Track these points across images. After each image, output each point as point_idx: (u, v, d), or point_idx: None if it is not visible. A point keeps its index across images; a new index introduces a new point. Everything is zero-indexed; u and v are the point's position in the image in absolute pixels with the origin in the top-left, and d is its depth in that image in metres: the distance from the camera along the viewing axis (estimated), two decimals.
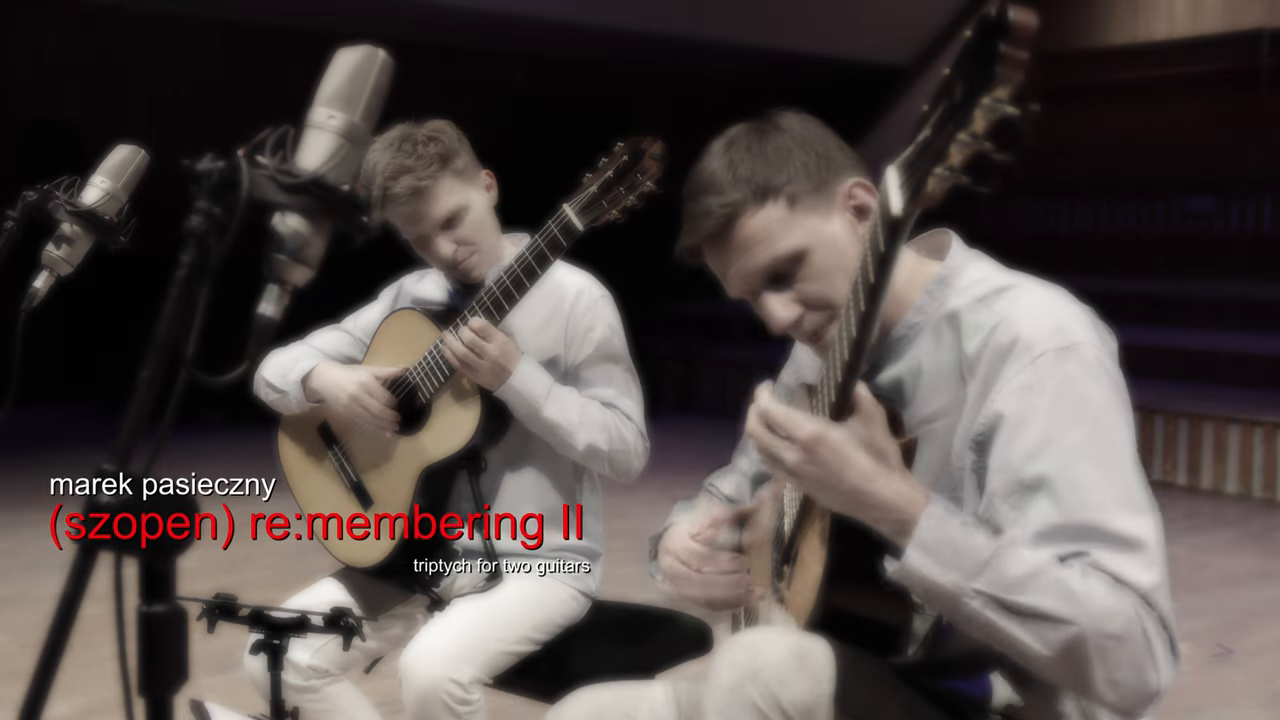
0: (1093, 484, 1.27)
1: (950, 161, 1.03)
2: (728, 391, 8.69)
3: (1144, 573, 1.25)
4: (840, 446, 1.25)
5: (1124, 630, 1.22)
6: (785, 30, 10.81)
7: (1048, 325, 1.35)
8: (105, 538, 0.87)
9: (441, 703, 1.99)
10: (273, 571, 4.69)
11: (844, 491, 1.26)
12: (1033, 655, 1.24)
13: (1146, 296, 8.49)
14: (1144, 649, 1.23)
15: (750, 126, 1.50)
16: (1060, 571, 1.24)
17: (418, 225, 2.18)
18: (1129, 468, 1.30)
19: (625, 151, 2.01)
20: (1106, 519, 1.26)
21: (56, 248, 1.82)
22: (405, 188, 2.12)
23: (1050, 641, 1.22)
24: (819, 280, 1.45)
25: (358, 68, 1.04)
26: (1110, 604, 1.22)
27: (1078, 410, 1.30)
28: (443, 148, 2.16)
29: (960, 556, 1.23)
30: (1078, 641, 1.21)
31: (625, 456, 2.22)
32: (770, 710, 1.28)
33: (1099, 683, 1.23)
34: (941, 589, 1.24)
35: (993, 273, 1.46)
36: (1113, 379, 1.34)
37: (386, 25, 9.74)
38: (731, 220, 1.45)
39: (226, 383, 0.97)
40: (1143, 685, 1.24)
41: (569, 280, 2.27)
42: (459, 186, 2.18)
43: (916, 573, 1.25)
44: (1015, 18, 0.97)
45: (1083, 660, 1.22)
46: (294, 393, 2.34)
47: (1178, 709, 3.25)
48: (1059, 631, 1.22)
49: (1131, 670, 1.23)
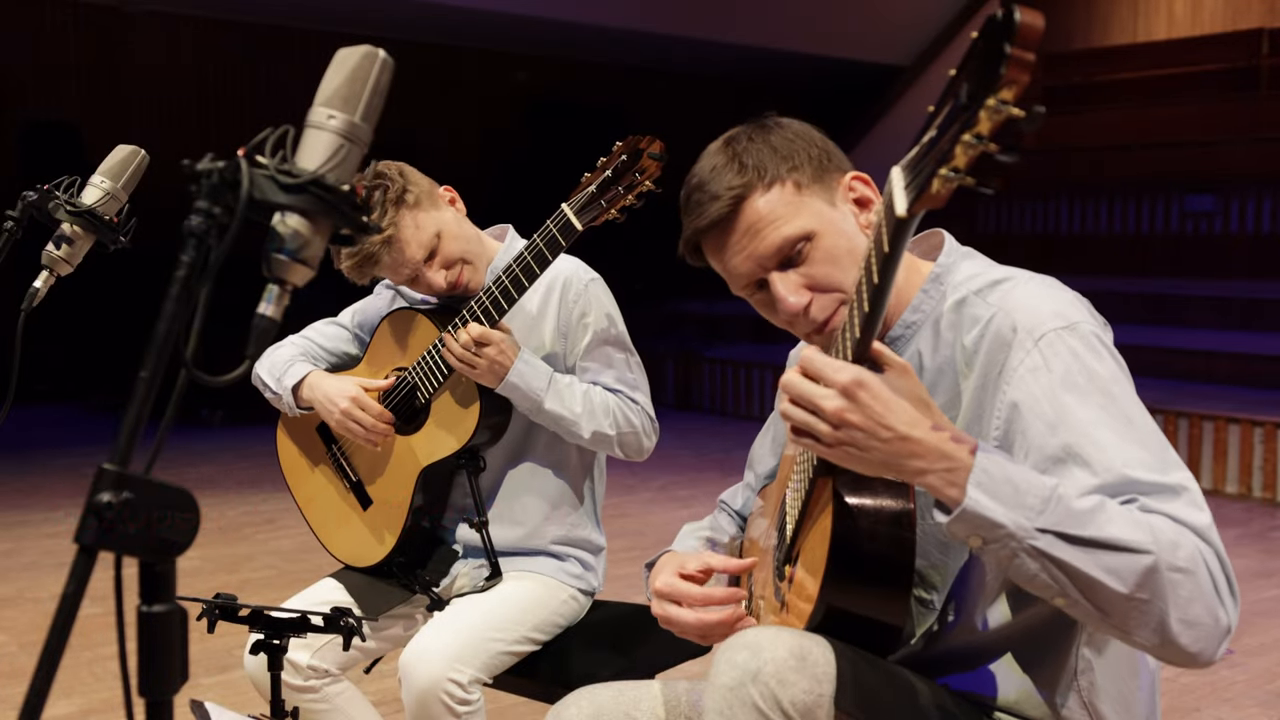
0: (1117, 448, 1.25)
1: (955, 162, 1.03)
2: (727, 391, 8.69)
3: (1195, 513, 1.21)
4: (881, 390, 1.19)
5: (1190, 563, 1.17)
6: (785, 31, 10.81)
7: (1045, 310, 1.35)
8: (105, 538, 0.87)
9: (441, 703, 1.99)
10: (273, 571, 4.69)
11: (885, 441, 1.18)
12: (1106, 595, 1.16)
13: (1146, 296, 8.49)
14: (1210, 583, 1.18)
15: (749, 126, 1.51)
16: (1123, 507, 1.20)
17: (403, 269, 2.19)
18: (1149, 432, 1.28)
19: (623, 151, 2.02)
20: (1141, 474, 1.23)
21: (56, 248, 1.82)
22: (374, 244, 2.13)
23: (1124, 575, 1.15)
24: (828, 263, 1.44)
25: (358, 68, 1.04)
26: (1174, 536, 1.17)
27: (1088, 382, 1.29)
28: (391, 191, 2.15)
29: (1021, 494, 1.17)
30: (1153, 573, 1.15)
31: (634, 438, 2.22)
32: (770, 710, 1.28)
33: (1173, 622, 1.16)
34: (1005, 530, 1.16)
35: (986, 268, 1.47)
36: (1114, 354, 1.34)
37: (387, 25, 9.74)
38: (740, 203, 1.45)
39: (226, 383, 0.97)
40: (1215, 622, 1.18)
41: (557, 268, 2.25)
42: (423, 218, 2.17)
43: (979, 514, 1.16)
44: (1021, 19, 0.97)
45: (1160, 594, 1.15)
46: (287, 398, 2.34)
47: (1178, 709, 3.25)
48: (1133, 562, 1.15)
49: (1203, 607, 1.17)
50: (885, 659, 1.39)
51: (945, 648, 1.45)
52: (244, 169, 0.97)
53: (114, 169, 1.84)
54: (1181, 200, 9.42)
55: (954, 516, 1.18)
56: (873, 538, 1.31)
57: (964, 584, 1.44)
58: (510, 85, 11.33)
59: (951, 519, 1.19)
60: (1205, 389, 6.79)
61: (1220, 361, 7.11)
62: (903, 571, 1.33)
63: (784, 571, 1.50)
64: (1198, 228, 9.41)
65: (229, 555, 4.92)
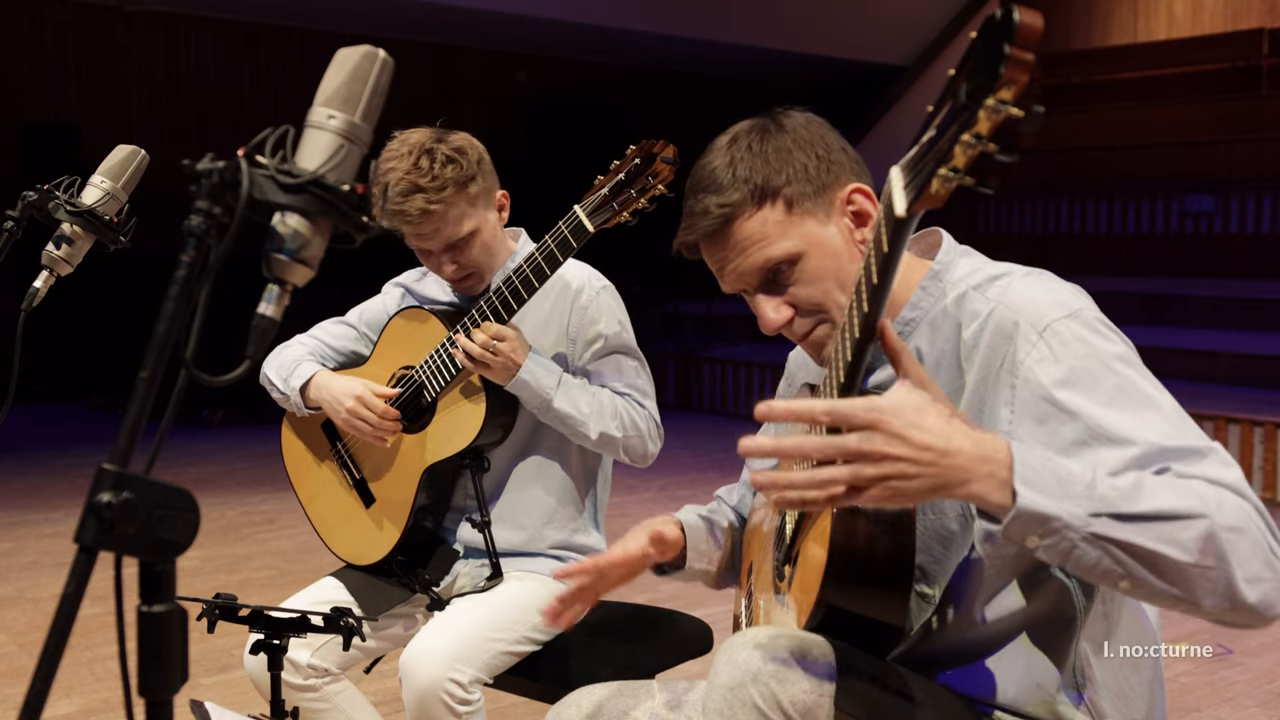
0: (1139, 418, 1.25)
1: (955, 162, 1.03)
2: (727, 391, 8.69)
3: (1227, 470, 1.20)
4: (904, 410, 1.12)
5: (1240, 520, 1.15)
6: (785, 31, 10.81)
7: (1046, 301, 1.35)
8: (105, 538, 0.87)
9: (441, 702, 1.99)
10: (273, 571, 4.69)
11: (927, 464, 1.11)
12: (1173, 566, 1.13)
13: (1146, 296, 8.49)
14: (1262, 536, 1.17)
15: (755, 124, 1.50)
16: (1160, 478, 1.19)
17: (423, 241, 2.16)
18: (1164, 398, 1.28)
19: (637, 155, 2.02)
20: (1166, 441, 1.22)
21: (56, 248, 1.82)
22: (415, 208, 2.08)
23: (1186, 544, 1.13)
24: (812, 284, 1.46)
25: (358, 68, 1.04)
26: (1216, 497, 1.16)
27: (1098, 363, 1.29)
28: (460, 171, 2.11)
29: (1065, 484, 1.14)
30: (1211, 534, 1.13)
31: (640, 441, 2.22)
32: (770, 710, 1.28)
33: (1240, 582, 1.14)
34: (1061, 522, 1.12)
35: (983, 264, 1.48)
36: (1118, 333, 1.35)
37: (387, 25, 9.74)
38: (729, 221, 1.46)
39: (226, 383, 0.97)
40: (1275, 573, 1.16)
41: (569, 274, 2.27)
42: (471, 212, 2.14)
43: (1034, 511, 1.12)
44: (1021, 19, 0.97)
45: (1222, 557, 1.13)
46: (294, 398, 2.34)
47: (1177, 709, 3.25)
48: (1191, 528, 1.13)
49: (1261, 562, 1.15)
50: (885, 659, 1.40)
51: (944, 642, 1.46)
52: (244, 169, 0.97)
53: (114, 169, 1.84)
54: (1181, 200, 9.42)
55: (1009, 519, 1.13)
56: (872, 538, 1.31)
57: (963, 578, 1.44)
58: (510, 85, 11.33)
59: (1007, 522, 1.13)
60: (1205, 389, 6.79)
61: (1220, 361, 7.12)
62: (902, 571, 1.33)
63: (784, 572, 1.50)
64: (1198, 227, 9.42)
65: (229, 555, 4.91)
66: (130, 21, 9.63)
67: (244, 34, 10.23)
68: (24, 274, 1.83)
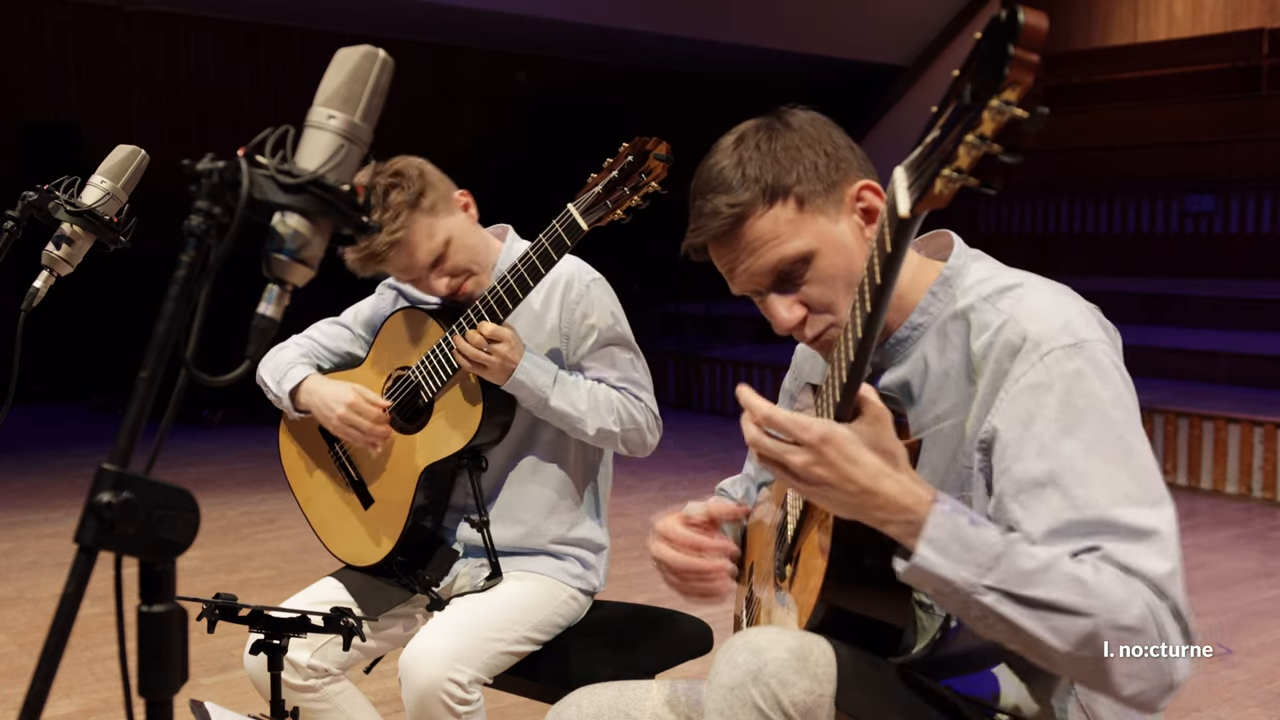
0: (1103, 479, 1.26)
1: (959, 163, 1.03)
2: (727, 391, 8.68)
3: (1156, 561, 1.23)
4: (847, 446, 1.22)
5: (1138, 622, 1.20)
6: (785, 31, 10.81)
7: (1055, 323, 1.34)
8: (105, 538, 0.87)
9: (441, 703, 1.99)
10: (273, 571, 4.69)
11: (850, 494, 1.22)
12: (1048, 650, 1.21)
13: (1146, 296, 8.49)
14: (1159, 640, 1.21)
15: (760, 124, 1.49)
16: (1073, 565, 1.23)
17: (409, 272, 2.19)
18: (1141, 461, 1.29)
19: (630, 152, 2.02)
20: (1118, 513, 1.25)
21: (56, 248, 1.82)
22: (382, 244, 2.11)
23: (1065, 635, 1.20)
24: (824, 283, 1.45)
25: (358, 68, 1.04)
26: (1123, 596, 1.20)
27: (1087, 406, 1.29)
28: (406, 192, 2.13)
29: (971, 552, 1.21)
30: (1093, 634, 1.19)
31: (638, 434, 2.22)
32: (771, 710, 1.28)
33: (1118, 675, 1.20)
34: (954, 586, 1.21)
35: (997, 272, 1.46)
36: (1121, 375, 1.34)
37: (387, 25, 9.74)
38: (740, 221, 1.45)
39: (226, 383, 0.97)
40: (1160, 677, 1.21)
41: (559, 268, 2.25)
42: (435, 223, 2.16)
43: (929, 570, 1.21)
44: (1026, 20, 0.97)
45: (1099, 653, 1.20)
46: (285, 402, 2.34)
47: (1178, 709, 3.25)
48: (1074, 624, 1.19)
49: (1148, 663, 1.20)
50: (886, 659, 1.39)
51: (948, 653, 1.45)
52: (244, 169, 0.97)
53: (114, 169, 1.84)
54: (1181, 200, 9.42)
55: (904, 571, 1.24)
56: (873, 538, 1.31)
57: None
58: (510, 85, 11.33)
59: (902, 572, 1.24)
60: (1205, 389, 6.79)
61: (1220, 361, 7.11)
62: None
63: (784, 572, 1.50)
64: (1198, 227, 9.42)
65: (229, 555, 4.91)
66: (130, 21, 9.63)
67: (244, 34, 10.23)
68: (24, 274, 1.83)
